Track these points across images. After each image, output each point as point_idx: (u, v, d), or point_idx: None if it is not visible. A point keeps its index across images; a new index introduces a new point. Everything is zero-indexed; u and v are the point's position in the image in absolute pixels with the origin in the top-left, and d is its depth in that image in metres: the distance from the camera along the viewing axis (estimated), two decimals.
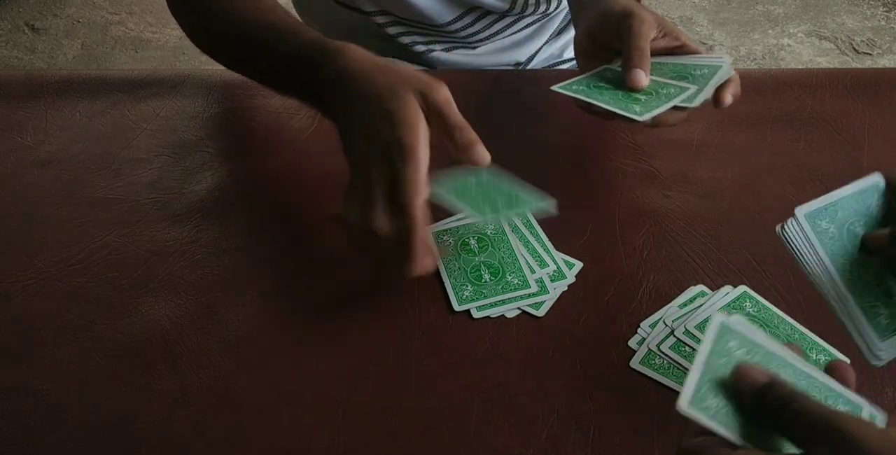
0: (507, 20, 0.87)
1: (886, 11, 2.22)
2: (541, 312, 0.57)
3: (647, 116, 0.57)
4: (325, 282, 0.60)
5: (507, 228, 0.62)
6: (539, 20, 0.90)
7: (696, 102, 0.58)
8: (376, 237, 0.52)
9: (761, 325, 0.55)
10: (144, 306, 0.59)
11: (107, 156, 0.71)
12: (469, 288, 0.58)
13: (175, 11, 0.72)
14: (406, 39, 0.88)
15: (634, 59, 0.59)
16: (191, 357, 0.55)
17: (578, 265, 0.60)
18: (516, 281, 0.58)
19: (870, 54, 2.09)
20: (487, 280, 0.58)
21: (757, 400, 0.36)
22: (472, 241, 0.61)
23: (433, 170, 0.52)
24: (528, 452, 0.49)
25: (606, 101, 0.59)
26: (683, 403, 0.36)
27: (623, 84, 0.60)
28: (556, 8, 0.88)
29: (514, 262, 0.60)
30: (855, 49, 2.10)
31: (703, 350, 0.37)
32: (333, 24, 0.91)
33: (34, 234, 0.64)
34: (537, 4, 0.85)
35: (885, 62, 2.06)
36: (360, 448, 0.50)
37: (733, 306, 0.56)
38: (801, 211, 0.46)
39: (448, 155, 0.54)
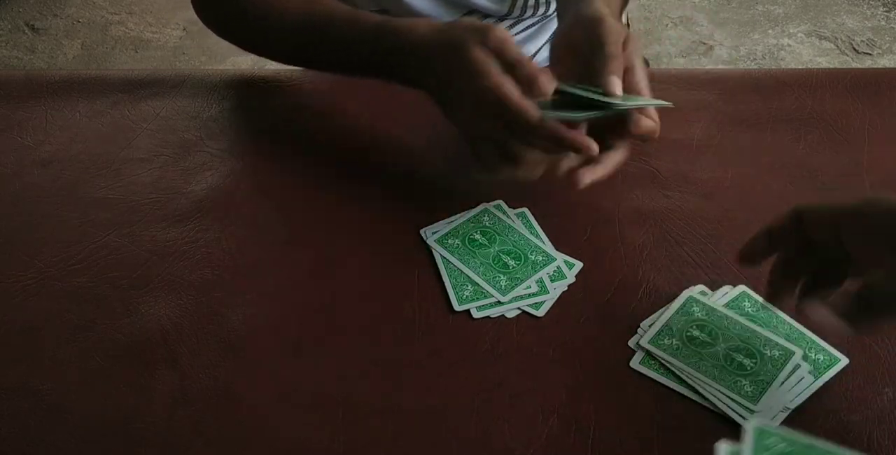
0: (506, 23, 0.87)
1: (886, 11, 2.22)
2: (541, 312, 0.57)
3: (620, 103, 0.56)
4: (325, 282, 0.60)
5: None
6: (537, 23, 0.90)
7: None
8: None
9: (761, 325, 0.55)
10: (144, 306, 0.59)
11: (107, 156, 0.71)
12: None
13: (211, 16, 0.75)
14: None
15: (611, 66, 0.57)
16: (191, 357, 0.55)
17: (578, 265, 0.60)
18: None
19: (870, 54, 2.09)
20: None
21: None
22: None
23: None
24: (528, 452, 0.49)
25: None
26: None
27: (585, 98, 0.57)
28: (555, 10, 0.88)
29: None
30: (855, 49, 2.10)
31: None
32: None
33: (34, 234, 0.64)
34: (536, 7, 0.85)
35: (885, 62, 2.06)
36: (360, 448, 0.50)
37: (733, 306, 0.56)
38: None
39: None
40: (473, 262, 0.60)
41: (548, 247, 0.61)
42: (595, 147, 0.55)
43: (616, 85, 0.57)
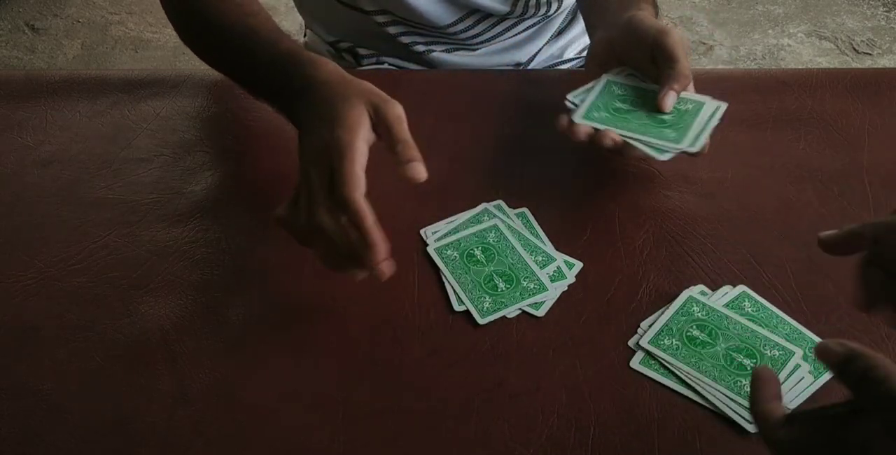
0: (508, 23, 0.87)
1: (886, 11, 2.22)
2: (541, 312, 0.57)
3: (697, 145, 0.59)
4: (325, 282, 0.60)
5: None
6: (539, 22, 0.90)
7: (697, 145, 0.59)
8: (323, 241, 0.52)
9: (761, 325, 0.55)
10: (144, 306, 0.59)
11: (107, 156, 0.71)
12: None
13: (167, 12, 0.74)
14: (406, 39, 0.88)
15: (680, 81, 0.60)
16: (191, 357, 0.55)
17: (578, 265, 0.60)
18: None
19: (870, 54, 2.09)
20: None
21: (839, 369, 0.39)
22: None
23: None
24: (528, 452, 0.49)
25: (634, 128, 0.59)
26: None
27: (642, 103, 0.61)
28: (557, 10, 0.88)
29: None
30: (855, 49, 2.10)
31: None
32: (334, 24, 0.91)
33: (34, 234, 0.64)
34: (538, 7, 0.85)
35: (885, 62, 2.06)
36: (360, 448, 0.50)
37: (733, 306, 0.56)
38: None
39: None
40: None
41: (548, 247, 0.61)
42: (381, 256, 0.52)
43: (671, 100, 0.60)
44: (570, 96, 0.64)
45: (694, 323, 0.55)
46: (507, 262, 0.60)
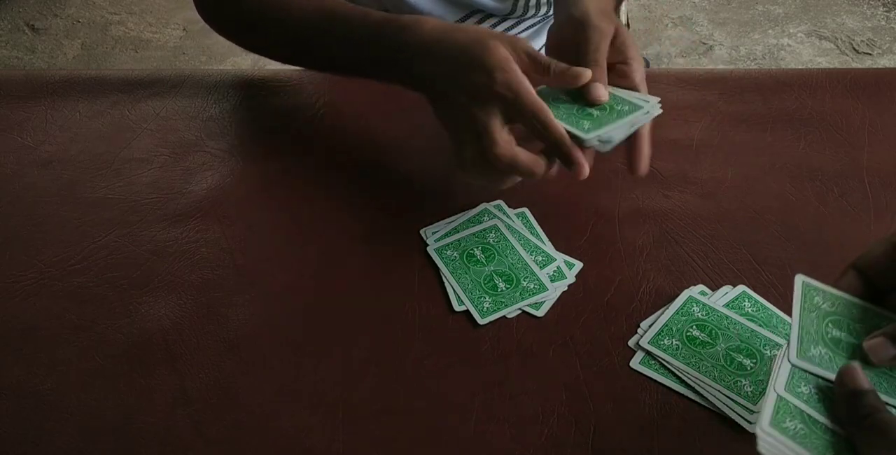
0: (508, 23, 0.87)
1: (886, 11, 2.22)
2: (541, 312, 0.57)
3: (592, 135, 0.55)
4: (326, 282, 0.60)
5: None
6: (538, 23, 0.90)
7: (594, 137, 0.55)
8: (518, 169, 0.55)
9: (761, 325, 0.55)
10: (144, 306, 0.59)
11: (107, 156, 0.71)
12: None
13: (211, 15, 0.74)
14: None
15: (594, 74, 0.57)
16: (191, 357, 0.55)
17: (578, 265, 0.60)
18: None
19: (870, 54, 2.09)
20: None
21: (849, 398, 0.39)
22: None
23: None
24: (528, 452, 0.49)
25: (560, 115, 0.56)
26: (792, 355, 0.42)
27: (580, 96, 0.57)
28: (553, 11, 0.88)
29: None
30: (855, 49, 2.10)
31: (795, 309, 0.44)
32: None
33: (34, 234, 0.64)
34: (538, 7, 0.85)
35: (885, 62, 2.06)
36: (360, 448, 0.50)
37: (733, 306, 0.56)
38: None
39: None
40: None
41: (548, 247, 0.61)
42: (586, 172, 0.54)
43: (600, 92, 0.56)
44: None
45: (694, 323, 0.55)
46: (507, 262, 0.60)
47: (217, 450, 0.50)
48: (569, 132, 0.55)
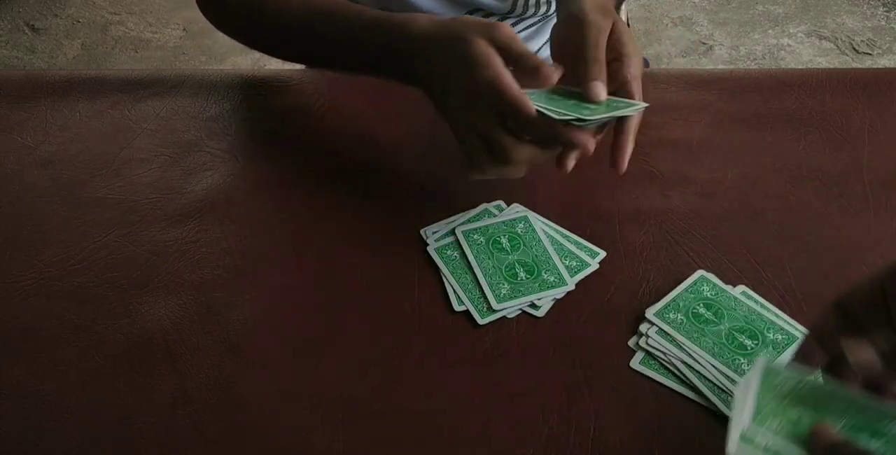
0: (508, 22, 0.87)
1: (886, 11, 2.22)
2: (541, 312, 0.57)
3: (594, 118, 0.54)
4: (326, 281, 0.60)
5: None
6: (538, 22, 0.90)
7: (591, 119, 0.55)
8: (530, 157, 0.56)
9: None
10: (144, 306, 0.59)
11: (107, 156, 0.71)
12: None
13: (209, 12, 0.74)
14: None
15: (592, 72, 0.56)
16: (191, 357, 0.55)
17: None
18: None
19: (870, 54, 2.09)
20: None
21: (828, 452, 0.38)
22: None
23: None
24: (528, 452, 0.49)
25: (555, 105, 0.55)
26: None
27: (577, 95, 0.56)
28: (556, 9, 0.88)
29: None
30: (855, 49, 2.10)
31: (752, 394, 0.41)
32: None
33: (34, 234, 0.64)
34: (537, 6, 0.85)
35: (885, 62, 2.06)
36: (360, 448, 0.50)
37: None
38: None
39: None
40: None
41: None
42: (592, 146, 0.55)
43: (598, 91, 0.56)
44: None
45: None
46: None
47: (217, 450, 0.50)
48: (548, 113, 0.54)
